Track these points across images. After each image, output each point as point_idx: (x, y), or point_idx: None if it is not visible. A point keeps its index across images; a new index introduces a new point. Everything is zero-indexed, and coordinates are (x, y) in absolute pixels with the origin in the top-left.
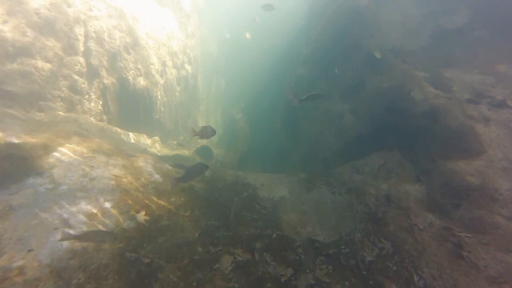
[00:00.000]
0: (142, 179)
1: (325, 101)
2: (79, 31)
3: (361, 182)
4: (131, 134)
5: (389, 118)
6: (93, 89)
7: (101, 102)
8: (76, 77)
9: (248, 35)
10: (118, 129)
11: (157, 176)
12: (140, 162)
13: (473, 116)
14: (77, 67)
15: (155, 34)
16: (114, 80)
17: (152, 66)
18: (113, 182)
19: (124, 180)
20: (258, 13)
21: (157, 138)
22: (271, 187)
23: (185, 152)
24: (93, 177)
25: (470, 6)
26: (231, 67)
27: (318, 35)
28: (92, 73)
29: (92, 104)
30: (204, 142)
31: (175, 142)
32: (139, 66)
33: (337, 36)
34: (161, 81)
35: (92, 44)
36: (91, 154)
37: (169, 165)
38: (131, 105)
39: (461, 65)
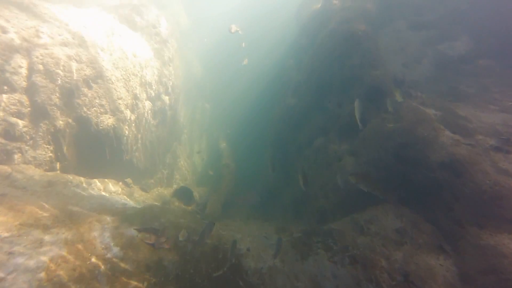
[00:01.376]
0: (93, 259)
1: (320, 136)
2: (20, 62)
3: (368, 247)
4: (94, 182)
5: (398, 167)
6: (40, 133)
7: (51, 148)
8: (13, 119)
9: (245, 61)
10: (76, 178)
11: (115, 250)
12: (95, 231)
13: (509, 171)
14: (15, 107)
15: (124, 64)
16: (70, 120)
17: (120, 101)
18: (42, 274)
19: (63, 267)
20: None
21: (129, 180)
22: (259, 253)
23: (165, 193)
24: (9, 271)
25: (470, 32)
26: (217, 89)
27: (311, 61)
28: (38, 114)
29: (38, 152)
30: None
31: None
32: (104, 102)
33: (332, 64)
34: (132, 117)
35: (38, 79)
36: (17, 231)
37: (135, 229)
38: (94, 148)
39: (472, 100)
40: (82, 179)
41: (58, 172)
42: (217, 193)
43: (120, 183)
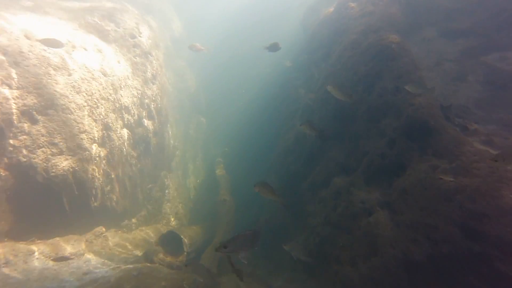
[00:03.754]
0: None
1: (340, 175)
2: None
3: None
4: (39, 248)
5: (472, 248)
6: None
7: None
8: None
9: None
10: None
11: None
12: None
13: None
14: None
15: (89, 86)
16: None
17: (83, 136)
18: None
19: None
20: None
21: (100, 229)
22: None
23: (150, 235)
24: None
25: None
26: (213, 102)
27: (325, 79)
28: None
29: None
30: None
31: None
32: (58, 140)
33: (355, 86)
34: (102, 152)
35: None
36: None
37: None
38: (44, 201)
39: None
40: (17, 246)
41: None
42: (213, 241)
43: (87, 236)
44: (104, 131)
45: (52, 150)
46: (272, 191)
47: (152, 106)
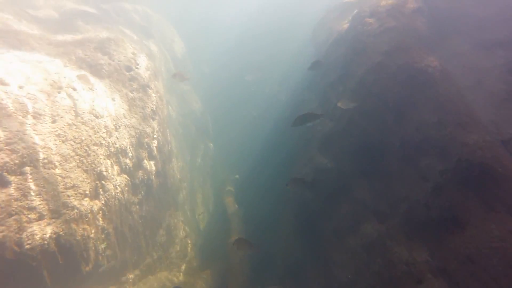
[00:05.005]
0: None
1: (370, 221)
2: None
3: None
4: None
5: None
6: None
7: None
8: None
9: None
10: None
11: None
12: None
13: None
14: None
15: (78, 132)
16: None
17: (70, 192)
18: None
19: None
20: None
21: None
22: None
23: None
24: None
25: None
26: (221, 126)
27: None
28: None
29: None
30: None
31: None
32: (37, 203)
33: (384, 116)
34: (96, 206)
35: None
36: None
37: None
38: (18, 279)
39: None
40: None
41: None
42: None
43: None
44: (97, 181)
45: (29, 216)
46: (251, 246)
47: (153, 144)
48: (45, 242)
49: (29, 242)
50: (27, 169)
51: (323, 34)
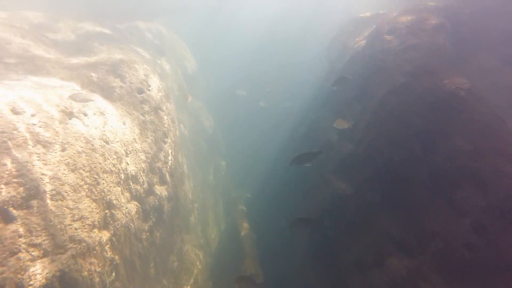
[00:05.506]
0: None
1: (396, 254)
2: None
3: None
4: None
5: None
6: None
7: None
8: None
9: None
10: None
11: None
12: None
13: None
14: None
15: (88, 160)
16: None
17: (78, 224)
18: None
19: None
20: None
21: None
22: None
23: None
24: None
25: None
26: (233, 143)
27: (366, 129)
28: None
29: None
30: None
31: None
32: (41, 239)
33: (409, 143)
34: (105, 237)
35: None
36: None
37: None
38: None
39: None
40: None
41: None
42: None
43: None
44: (107, 211)
45: (33, 253)
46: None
47: (165, 169)
48: (48, 282)
49: (31, 283)
50: (34, 202)
51: (337, 50)
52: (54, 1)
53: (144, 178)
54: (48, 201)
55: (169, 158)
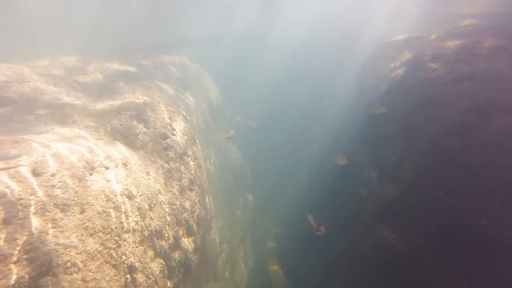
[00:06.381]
0: None
1: None
2: None
3: None
4: None
5: None
6: None
7: None
8: None
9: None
10: None
11: None
12: None
13: None
14: None
15: (108, 221)
16: None
17: None
18: None
19: None
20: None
21: None
22: None
23: None
24: None
25: None
26: (260, 176)
27: (421, 173)
28: None
29: None
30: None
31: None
32: None
33: (485, 197)
34: None
35: None
36: None
37: None
38: None
39: None
40: None
41: None
42: None
43: None
44: (128, 275)
45: None
46: None
47: (192, 219)
48: None
49: None
50: (46, 280)
51: (369, 78)
52: (87, 44)
53: (169, 232)
54: (61, 276)
55: (196, 207)
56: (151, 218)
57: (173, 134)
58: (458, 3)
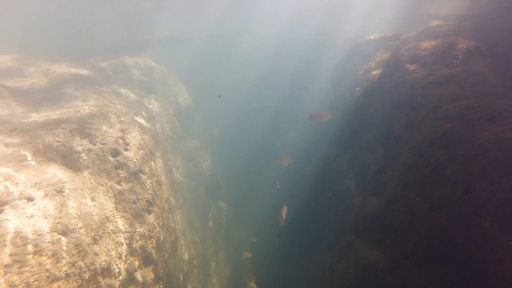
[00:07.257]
0: None
1: None
2: None
3: None
4: None
5: None
6: None
7: None
8: None
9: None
10: None
11: None
12: None
13: None
14: None
15: (27, 271)
16: None
17: None
18: None
19: None
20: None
21: None
22: None
23: None
24: None
25: None
26: (234, 183)
27: (404, 185)
28: None
29: None
30: None
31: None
32: None
33: (477, 218)
34: None
35: None
36: None
37: None
38: None
39: None
40: None
41: None
42: None
43: None
44: None
45: None
46: None
47: (150, 245)
48: None
49: None
50: None
51: (345, 78)
52: (32, 42)
53: (121, 266)
54: None
55: (156, 231)
56: (95, 254)
57: (126, 150)
58: (427, 3)
